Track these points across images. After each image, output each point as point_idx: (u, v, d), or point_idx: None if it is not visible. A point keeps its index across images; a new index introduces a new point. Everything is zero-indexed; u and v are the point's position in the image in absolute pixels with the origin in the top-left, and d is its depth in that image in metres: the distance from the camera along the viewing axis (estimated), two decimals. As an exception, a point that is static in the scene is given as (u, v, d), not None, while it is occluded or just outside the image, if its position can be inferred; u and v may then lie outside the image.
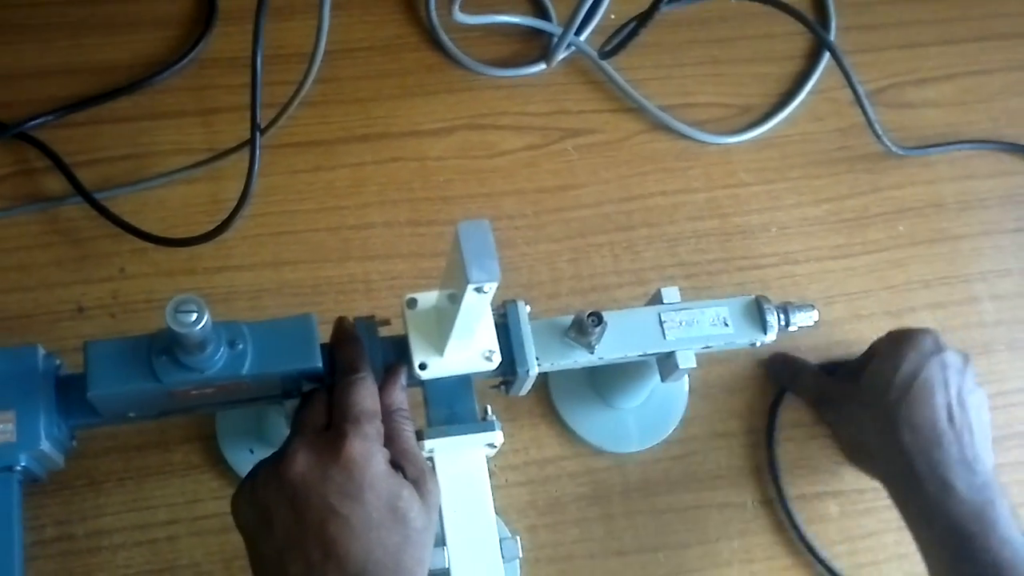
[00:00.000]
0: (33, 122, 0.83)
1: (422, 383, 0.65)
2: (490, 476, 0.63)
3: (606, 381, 0.79)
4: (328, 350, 0.61)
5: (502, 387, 0.69)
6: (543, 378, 0.78)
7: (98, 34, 0.89)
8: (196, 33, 0.90)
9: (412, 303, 0.64)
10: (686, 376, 0.81)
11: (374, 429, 0.56)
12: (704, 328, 0.69)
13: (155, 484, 0.74)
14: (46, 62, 0.87)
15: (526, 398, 0.79)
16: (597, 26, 0.94)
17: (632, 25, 0.83)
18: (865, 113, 0.90)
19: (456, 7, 0.87)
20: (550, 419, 0.80)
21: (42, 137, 0.83)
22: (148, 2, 0.91)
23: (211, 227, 0.80)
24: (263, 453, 0.73)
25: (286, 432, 0.61)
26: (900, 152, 0.92)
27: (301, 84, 0.81)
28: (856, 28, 0.99)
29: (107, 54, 0.88)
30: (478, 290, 0.54)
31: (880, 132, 0.91)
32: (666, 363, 0.70)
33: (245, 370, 0.58)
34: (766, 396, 0.83)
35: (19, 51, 0.87)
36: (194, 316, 0.52)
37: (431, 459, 0.63)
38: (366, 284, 0.82)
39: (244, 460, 0.74)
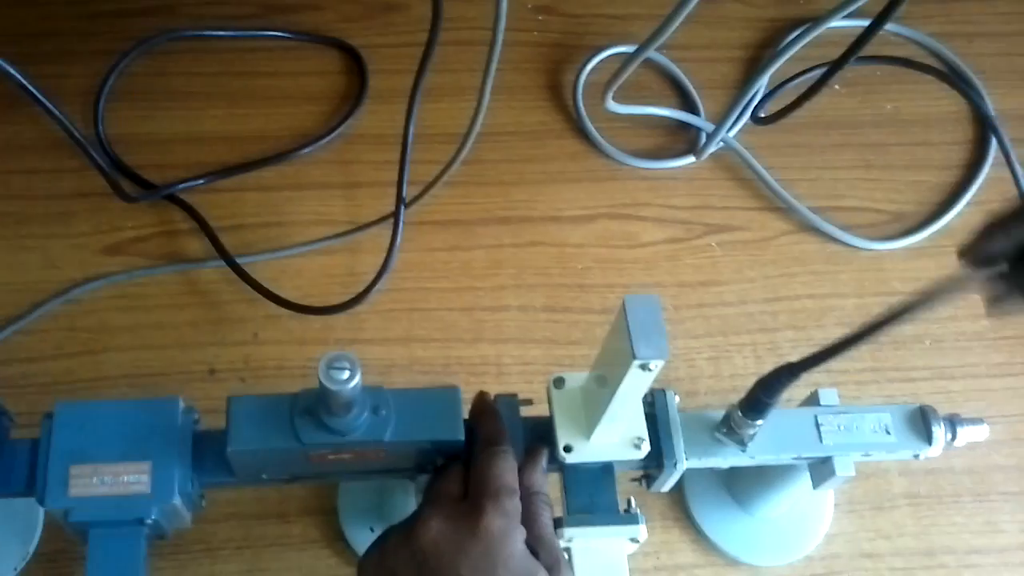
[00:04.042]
0: (182, 185, 0.84)
1: (561, 469, 0.61)
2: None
3: (745, 486, 0.74)
4: (467, 424, 0.59)
5: (643, 481, 0.65)
6: (678, 479, 0.74)
7: (251, 105, 0.91)
8: (345, 109, 0.91)
9: (559, 382, 0.61)
10: (831, 489, 0.77)
11: (513, 506, 0.53)
12: (864, 435, 0.65)
13: (272, 556, 0.71)
14: (199, 129, 0.89)
15: (659, 499, 0.75)
16: (746, 124, 0.93)
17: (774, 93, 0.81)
18: None
19: (609, 96, 0.86)
20: (684, 523, 0.75)
21: (189, 200, 0.84)
22: (300, 77, 0.93)
23: (346, 298, 0.79)
24: (384, 533, 0.70)
25: (410, 511, 0.58)
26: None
27: (450, 163, 0.81)
28: (1018, 141, 0.95)
29: (258, 124, 0.90)
30: (643, 367, 0.51)
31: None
32: (821, 469, 0.65)
33: (387, 437, 0.56)
34: (917, 517, 0.77)
35: (174, 117, 0.89)
36: (347, 373, 0.51)
37: (568, 550, 0.59)
38: (498, 367, 0.80)
39: (364, 538, 0.71)
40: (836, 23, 0.74)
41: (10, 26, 0.92)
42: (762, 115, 0.84)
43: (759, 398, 0.58)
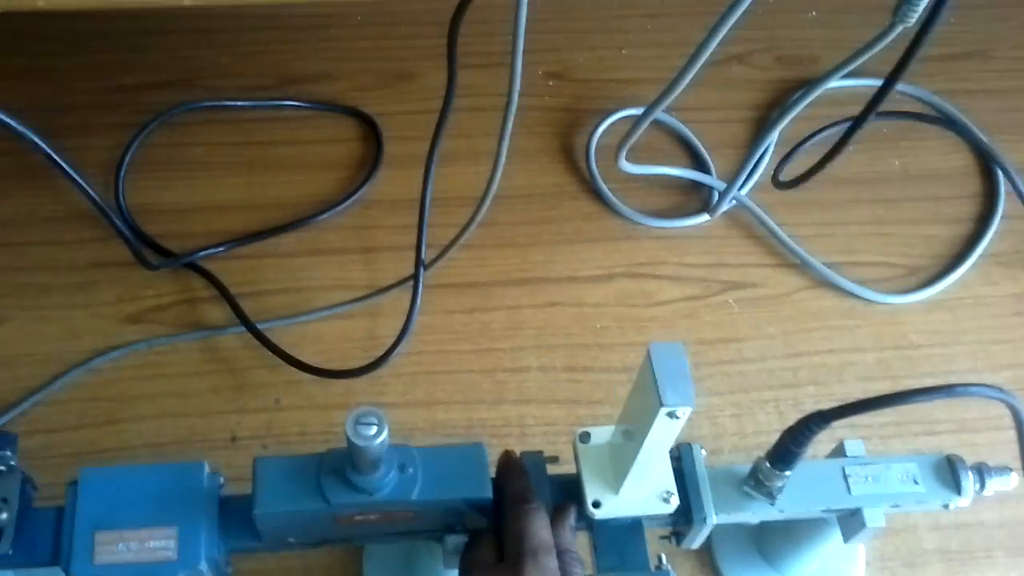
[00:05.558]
0: (202, 253, 0.85)
1: (590, 527, 0.61)
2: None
3: (775, 544, 0.73)
4: (494, 484, 0.58)
5: (672, 538, 0.64)
6: (706, 538, 0.73)
7: (269, 173, 0.92)
8: (361, 175, 0.92)
9: (585, 437, 0.61)
10: (861, 546, 0.76)
11: (552, 562, 0.52)
12: (893, 485, 0.64)
13: (296, 626, 0.70)
14: (218, 197, 0.90)
15: (688, 560, 0.74)
16: (758, 182, 0.94)
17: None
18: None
19: (622, 156, 0.87)
20: (713, 584, 0.75)
21: (209, 267, 0.85)
22: (317, 145, 0.95)
23: (367, 362, 0.80)
24: (410, 599, 0.69)
25: (437, 576, 0.57)
26: (1084, 319, 0.87)
27: (466, 226, 0.82)
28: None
29: (276, 192, 0.91)
30: (671, 415, 0.51)
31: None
32: (850, 521, 0.64)
33: (415, 496, 0.55)
34: (951, 574, 0.76)
35: (194, 186, 0.91)
36: (374, 429, 0.50)
37: (600, 609, 0.58)
38: (520, 428, 0.79)
39: (390, 606, 0.70)
40: (840, 83, 0.75)
41: (32, 100, 0.94)
42: (783, 179, 0.84)
43: (788, 447, 0.58)
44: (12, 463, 0.56)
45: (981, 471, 0.66)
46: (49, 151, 0.70)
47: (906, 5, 0.62)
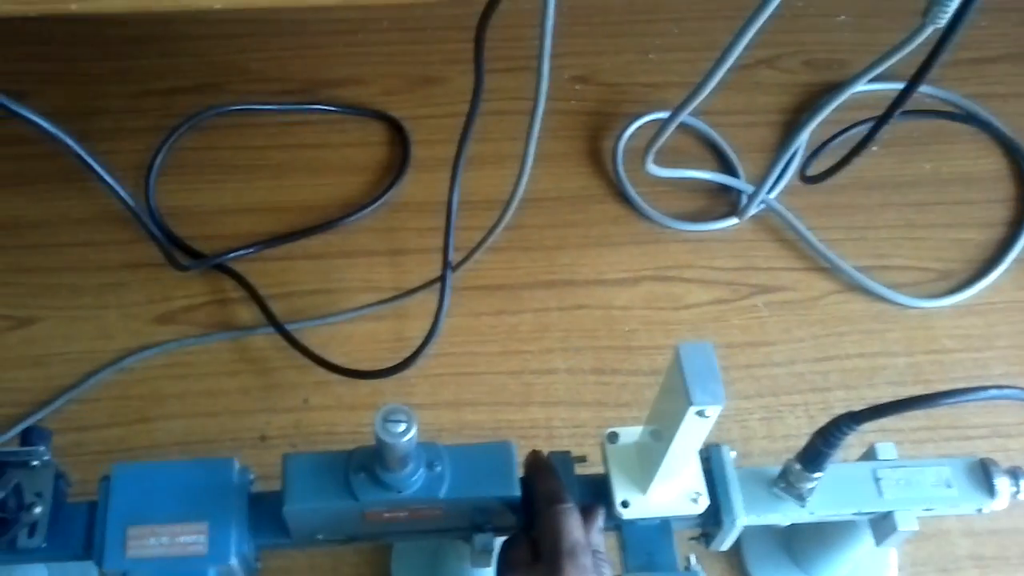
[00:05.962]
0: (231, 254, 0.86)
1: (618, 528, 0.61)
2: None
3: (805, 547, 0.73)
4: (523, 483, 0.58)
5: (701, 539, 0.64)
6: (736, 541, 0.72)
7: (297, 176, 0.93)
8: (389, 178, 0.93)
9: (613, 437, 0.61)
10: (893, 550, 0.75)
11: (589, 561, 0.52)
12: (925, 488, 0.63)
13: (324, 626, 0.70)
14: (247, 200, 0.91)
15: (717, 563, 0.74)
16: (786, 186, 0.93)
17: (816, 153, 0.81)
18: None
19: (649, 159, 0.87)
20: (742, 588, 0.74)
21: (239, 269, 0.85)
22: (345, 149, 0.95)
23: (395, 363, 0.80)
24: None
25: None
26: (1119, 324, 0.86)
27: (492, 228, 0.82)
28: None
29: (304, 195, 0.91)
30: (700, 414, 0.51)
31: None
32: (882, 525, 0.64)
33: (442, 493, 0.55)
34: (983, 580, 0.75)
35: (223, 189, 0.91)
36: (403, 427, 0.51)
37: (629, 610, 0.58)
38: (548, 430, 0.79)
39: (416, 607, 0.70)
40: (869, 86, 0.75)
41: (65, 104, 0.95)
42: (810, 174, 0.84)
43: (818, 448, 0.57)
44: (46, 458, 0.57)
45: (1016, 474, 0.65)
46: (82, 153, 0.71)
47: (937, 6, 0.61)
